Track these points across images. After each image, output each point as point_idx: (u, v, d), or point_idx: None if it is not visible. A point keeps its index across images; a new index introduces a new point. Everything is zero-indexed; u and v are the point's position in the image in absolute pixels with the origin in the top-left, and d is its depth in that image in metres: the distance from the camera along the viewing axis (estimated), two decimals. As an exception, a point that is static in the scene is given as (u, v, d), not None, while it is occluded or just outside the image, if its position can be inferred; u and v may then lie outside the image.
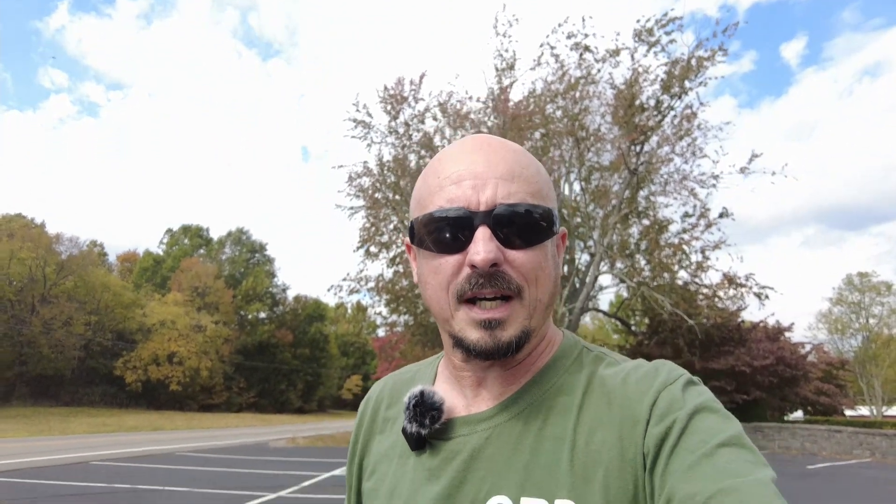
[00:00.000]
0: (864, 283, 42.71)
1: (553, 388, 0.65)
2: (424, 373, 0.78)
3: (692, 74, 15.78)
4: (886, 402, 41.89)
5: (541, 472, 0.60)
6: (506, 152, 0.65)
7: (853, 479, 11.73)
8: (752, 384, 21.00)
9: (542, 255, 0.63)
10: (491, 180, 0.62)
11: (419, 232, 0.65)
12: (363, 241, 18.51)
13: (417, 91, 18.08)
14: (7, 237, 36.71)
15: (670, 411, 0.57)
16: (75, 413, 32.66)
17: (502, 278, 0.60)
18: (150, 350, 42.23)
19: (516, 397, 0.65)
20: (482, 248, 0.59)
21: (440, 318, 0.65)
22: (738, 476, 0.50)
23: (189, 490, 8.42)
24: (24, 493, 7.72)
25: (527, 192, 0.63)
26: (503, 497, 0.60)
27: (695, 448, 0.53)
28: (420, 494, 0.65)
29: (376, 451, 0.75)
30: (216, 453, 14.83)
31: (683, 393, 0.59)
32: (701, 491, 0.50)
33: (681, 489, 0.51)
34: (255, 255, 58.40)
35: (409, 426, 0.66)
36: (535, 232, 0.62)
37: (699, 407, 0.57)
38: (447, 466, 0.64)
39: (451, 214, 0.62)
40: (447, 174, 0.64)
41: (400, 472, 0.69)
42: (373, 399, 0.81)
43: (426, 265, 0.65)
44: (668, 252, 17.09)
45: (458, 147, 0.67)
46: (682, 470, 0.53)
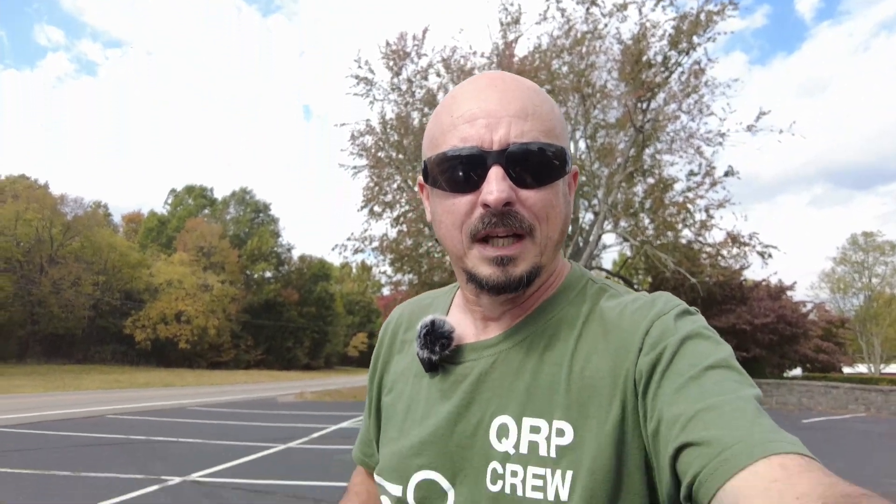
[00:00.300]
0: (868, 243, 42.62)
1: (555, 318, 0.68)
2: (441, 301, 0.82)
3: (701, 29, 15.37)
4: (885, 360, 42.41)
5: (541, 395, 0.63)
6: (519, 90, 0.65)
7: (846, 433, 12.03)
8: (753, 342, 21.27)
9: (554, 193, 0.64)
10: (504, 119, 0.62)
11: (432, 171, 0.66)
12: (367, 200, 18.49)
13: (420, 47, 17.71)
14: (12, 198, 36.80)
15: (662, 339, 0.59)
16: (88, 370, 33.47)
17: (514, 217, 0.62)
18: (158, 309, 42.88)
19: (521, 326, 0.69)
20: (495, 187, 0.60)
21: (454, 255, 0.67)
22: (722, 395, 0.52)
23: (202, 441, 8.74)
24: (45, 444, 8.05)
25: (540, 130, 0.63)
26: (507, 417, 0.64)
27: (684, 371, 0.56)
28: (433, 411, 0.70)
29: (395, 369, 0.81)
30: (226, 407, 15.28)
31: (676, 321, 0.61)
32: (685, 411, 0.52)
33: (668, 411, 0.54)
34: (260, 214, 58.49)
35: (421, 352, 0.71)
36: (547, 171, 0.63)
37: (691, 333, 0.59)
38: (457, 388, 0.69)
39: (465, 154, 0.62)
40: (460, 113, 0.64)
41: (416, 391, 0.74)
42: (393, 322, 0.86)
43: (440, 204, 0.67)
44: (672, 211, 17.04)
45: (472, 85, 0.66)
46: (671, 393, 0.55)
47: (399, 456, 0.71)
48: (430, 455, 0.68)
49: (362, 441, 0.90)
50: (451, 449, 0.66)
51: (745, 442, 0.47)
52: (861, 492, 0.41)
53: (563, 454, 0.60)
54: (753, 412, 0.50)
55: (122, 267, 42.44)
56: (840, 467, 7.64)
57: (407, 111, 18.26)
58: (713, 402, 0.51)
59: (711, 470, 0.47)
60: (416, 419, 0.72)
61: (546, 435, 0.61)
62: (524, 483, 0.60)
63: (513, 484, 0.61)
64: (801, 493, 0.42)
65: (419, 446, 0.69)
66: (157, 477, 5.96)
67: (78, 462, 6.72)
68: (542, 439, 0.61)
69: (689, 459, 0.50)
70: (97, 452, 7.49)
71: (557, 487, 0.59)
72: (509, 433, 0.63)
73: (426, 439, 0.69)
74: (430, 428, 0.69)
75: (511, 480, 0.61)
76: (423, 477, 0.68)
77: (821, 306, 28.28)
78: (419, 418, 0.71)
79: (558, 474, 0.59)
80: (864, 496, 0.40)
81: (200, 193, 58.62)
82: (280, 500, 5.17)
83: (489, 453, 0.64)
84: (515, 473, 0.61)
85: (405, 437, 0.72)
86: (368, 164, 18.55)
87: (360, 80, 18.12)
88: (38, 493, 5.23)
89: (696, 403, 0.52)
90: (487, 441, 0.64)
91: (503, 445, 0.63)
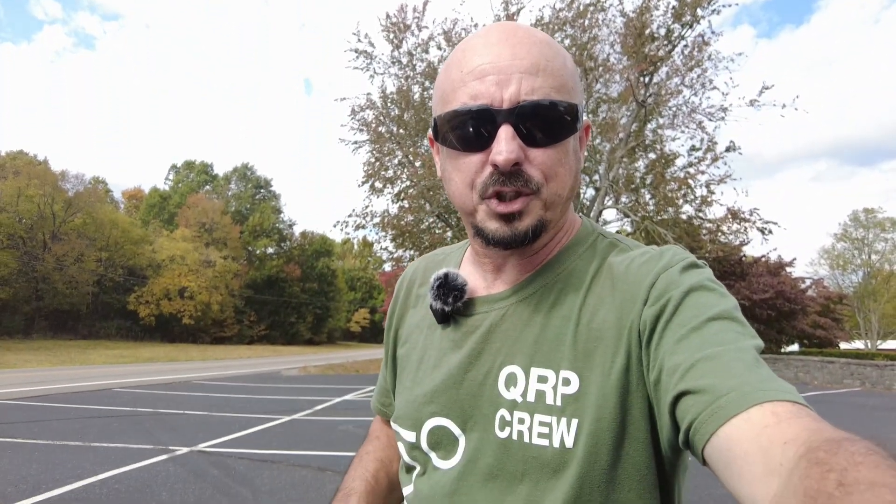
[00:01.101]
0: (869, 220, 42.52)
1: (565, 271, 0.69)
2: (454, 255, 0.85)
3: (705, 2, 15.14)
4: (882, 336, 42.67)
5: (548, 346, 0.65)
6: (531, 44, 0.63)
7: (841, 406, 12.23)
8: (751, 317, 21.41)
9: (564, 151, 0.64)
10: (515, 75, 0.61)
11: (442, 128, 0.66)
12: (368, 176, 18.44)
13: (421, 19, 17.45)
14: (13, 175, 36.72)
15: (667, 291, 0.60)
16: (93, 346, 33.87)
17: (522, 177, 0.62)
18: (162, 285, 43.14)
19: (531, 279, 0.70)
20: (504, 147, 0.60)
21: (464, 211, 0.68)
22: (722, 345, 0.53)
23: (207, 414, 8.92)
24: (55, 415, 8.24)
25: (551, 86, 0.62)
26: (515, 366, 0.66)
27: (686, 322, 0.57)
28: (445, 361, 0.73)
29: (409, 322, 0.84)
30: (231, 381, 15.52)
31: (682, 274, 0.62)
32: (685, 360, 0.53)
33: (669, 360, 0.55)
34: (261, 190, 58.39)
35: (435, 303, 0.74)
36: (558, 128, 0.63)
37: (695, 286, 0.60)
38: (468, 339, 0.72)
39: (474, 112, 0.62)
40: (470, 68, 0.63)
41: (429, 342, 0.77)
42: (408, 277, 0.89)
43: (450, 162, 0.67)
44: (673, 186, 17.01)
45: (483, 38, 0.65)
46: (672, 342, 0.56)
47: (412, 404, 0.74)
48: (441, 402, 0.71)
49: (380, 392, 0.93)
50: (461, 396, 0.69)
51: (739, 390, 0.48)
52: (845, 436, 0.42)
53: (568, 403, 0.62)
54: (751, 361, 0.52)
55: (124, 243, 42.56)
56: (832, 438, 7.80)
57: (408, 85, 18.08)
58: (712, 351, 0.53)
59: (706, 417, 0.49)
60: (429, 369, 0.75)
61: (553, 384, 0.63)
62: (531, 430, 0.63)
63: (520, 431, 0.63)
64: (789, 439, 0.44)
65: (431, 394, 0.72)
66: (165, 447, 6.13)
67: (88, 433, 6.89)
68: (549, 388, 0.63)
69: (686, 406, 0.52)
70: (106, 423, 7.67)
71: (563, 434, 0.61)
72: (517, 382, 0.65)
73: (438, 387, 0.71)
74: (441, 376, 0.71)
75: (518, 427, 0.64)
76: (435, 423, 0.71)
77: (819, 282, 28.40)
78: (431, 368, 0.74)
79: (563, 422, 0.61)
80: (847, 440, 0.41)
81: (202, 169, 58.45)
82: (284, 468, 5.33)
83: (498, 401, 0.66)
84: (522, 421, 0.64)
85: (418, 386, 0.75)
86: (369, 140, 18.45)
87: (360, 54, 17.91)
88: (51, 461, 5.39)
89: (696, 353, 0.53)
90: (496, 389, 0.67)
91: (511, 394, 0.65)
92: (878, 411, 11.48)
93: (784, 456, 0.43)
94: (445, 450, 0.70)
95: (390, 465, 0.88)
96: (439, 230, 18.25)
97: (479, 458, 0.66)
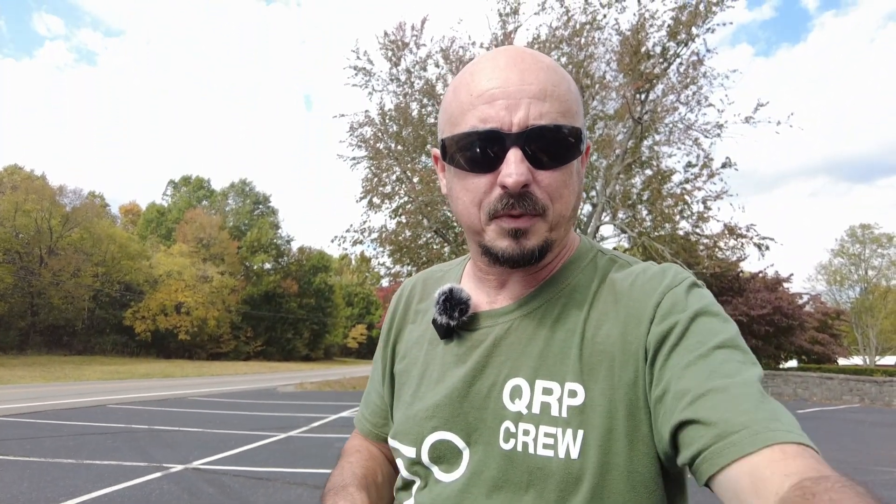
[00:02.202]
0: (865, 235, 42.72)
1: (568, 287, 0.71)
2: (453, 272, 0.85)
3: (700, 20, 15.37)
4: (880, 352, 42.62)
5: (553, 359, 0.67)
6: (538, 70, 0.65)
7: (840, 423, 12.18)
8: (749, 333, 21.39)
9: (569, 173, 0.67)
10: (524, 100, 0.63)
11: (451, 149, 0.67)
12: (366, 192, 18.50)
13: (419, 37, 17.67)
14: (10, 189, 36.74)
15: (673, 312, 0.63)
16: (88, 361, 33.59)
17: (530, 199, 0.64)
18: (158, 300, 42.95)
19: (535, 294, 0.72)
20: (514, 170, 0.62)
21: (471, 229, 0.69)
22: (730, 377, 0.56)
23: (203, 430, 8.83)
24: (48, 432, 8.14)
25: (558, 111, 0.64)
26: (520, 379, 0.68)
27: (693, 348, 0.59)
28: (449, 375, 0.73)
29: (408, 338, 0.83)
30: (227, 397, 15.39)
31: (687, 295, 0.64)
32: (694, 388, 0.56)
33: (676, 384, 0.58)
34: (259, 206, 58.45)
35: (440, 317, 0.74)
36: (564, 151, 0.65)
37: (701, 310, 0.63)
38: (472, 353, 0.73)
39: (484, 135, 0.64)
40: (479, 91, 0.65)
41: (430, 357, 0.77)
42: (406, 292, 0.89)
43: (457, 182, 0.69)
44: (669, 202, 17.10)
45: (491, 62, 0.67)
46: (680, 367, 0.59)
47: (413, 419, 0.74)
48: (444, 416, 0.71)
49: (373, 412, 0.90)
50: (465, 410, 0.70)
51: (750, 428, 0.52)
52: (836, 474, 0.46)
53: (574, 414, 0.64)
54: (758, 396, 0.55)
55: (121, 258, 42.45)
56: (834, 456, 7.75)
57: (406, 102, 18.24)
58: (721, 383, 0.55)
59: (718, 450, 0.52)
60: (431, 383, 0.75)
61: (558, 396, 0.65)
62: (535, 441, 0.64)
63: (525, 442, 0.65)
64: (790, 473, 0.48)
65: (433, 409, 0.72)
66: (160, 464, 6.05)
67: (81, 450, 6.81)
68: (554, 400, 0.65)
69: (694, 434, 0.55)
70: (100, 441, 7.58)
71: (568, 445, 0.63)
72: (522, 394, 0.67)
73: (441, 402, 0.72)
74: (445, 391, 0.72)
75: (523, 439, 0.65)
76: (438, 437, 0.71)
77: (817, 298, 28.43)
78: (434, 383, 0.74)
79: (569, 433, 0.63)
80: (834, 476, 0.46)
81: (199, 185, 58.54)
82: (280, 486, 5.26)
83: (502, 413, 0.67)
84: (527, 432, 0.65)
85: (419, 401, 0.75)
86: (367, 156, 18.55)
87: (359, 71, 18.09)
88: (44, 479, 5.32)
89: (706, 382, 0.56)
90: (501, 401, 0.68)
91: (516, 406, 0.67)
92: (877, 427, 11.43)
93: (781, 486, 0.48)
94: (448, 463, 0.70)
95: (375, 475, 0.84)
96: (437, 246, 18.27)
97: (484, 470, 0.67)
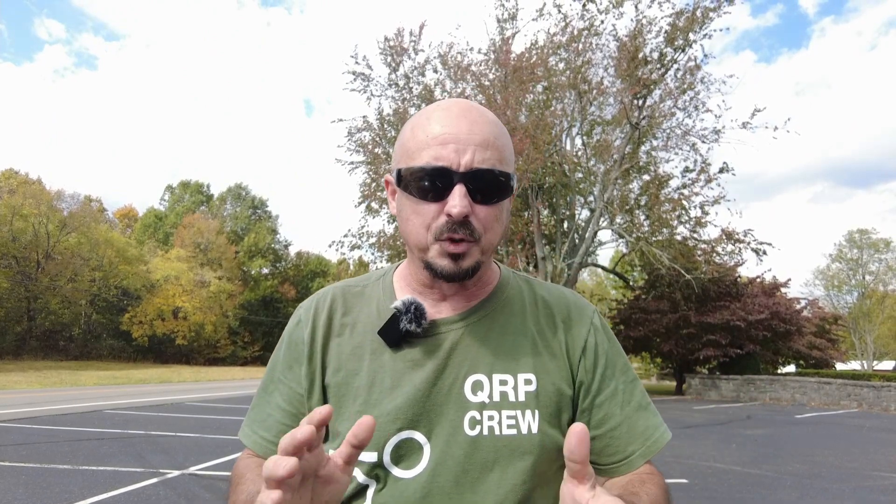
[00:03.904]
0: (863, 240, 42.82)
1: (505, 300, 0.88)
2: (374, 287, 0.92)
3: (697, 26, 15.45)
4: (877, 357, 42.68)
5: (505, 356, 0.83)
6: (484, 123, 0.78)
7: (838, 427, 12.17)
8: (747, 338, 21.40)
9: (500, 210, 0.80)
10: (470, 146, 0.76)
11: (406, 178, 0.78)
12: (364, 196, 18.52)
13: (417, 42, 17.74)
14: (8, 193, 36.66)
15: (599, 346, 0.87)
16: (85, 366, 33.44)
17: (469, 227, 0.76)
18: (155, 305, 42.80)
19: (480, 306, 0.87)
20: (458, 202, 0.74)
21: (417, 247, 0.80)
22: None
23: (200, 436, 8.79)
24: (44, 438, 8.10)
25: (496, 159, 0.77)
26: (479, 375, 0.81)
27: (615, 376, 0.87)
28: (406, 380, 0.81)
29: (338, 350, 0.85)
30: (224, 403, 15.33)
31: (602, 321, 0.91)
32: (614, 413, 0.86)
33: (602, 404, 0.85)
34: (257, 211, 58.39)
35: (410, 325, 0.82)
36: (498, 191, 0.78)
37: (613, 343, 0.90)
38: (431, 356, 0.82)
39: (437, 171, 0.75)
40: (434, 134, 0.77)
41: (376, 366, 0.82)
42: (326, 306, 0.89)
43: (409, 206, 0.80)
44: (667, 207, 17.14)
45: (446, 112, 0.79)
46: (610, 394, 0.85)
47: None
48: (408, 417, 0.79)
49: (276, 433, 0.85)
50: (428, 407, 0.80)
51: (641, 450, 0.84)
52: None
53: (530, 398, 0.81)
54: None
55: (118, 263, 42.33)
56: (832, 461, 7.75)
57: (404, 107, 18.28)
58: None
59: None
60: (385, 390, 0.81)
61: (513, 385, 0.81)
62: (500, 424, 0.79)
63: (490, 426, 0.79)
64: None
65: (395, 412, 0.79)
66: (156, 470, 6.02)
67: (77, 455, 6.77)
68: (510, 389, 0.81)
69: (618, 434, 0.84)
70: (96, 446, 7.54)
71: (529, 423, 0.79)
72: (483, 387, 0.81)
73: (402, 405, 0.79)
74: (405, 394, 0.80)
75: (489, 423, 0.79)
76: (401, 437, 0.78)
77: (814, 303, 28.45)
78: (388, 389, 0.81)
79: (528, 413, 0.80)
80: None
81: (197, 189, 58.48)
82: (278, 492, 5.22)
83: (465, 405, 0.80)
84: (492, 418, 0.79)
85: (375, 408, 0.80)
86: (365, 160, 18.58)
87: (358, 76, 18.14)
88: (39, 485, 5.28)
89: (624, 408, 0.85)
90: (463, 395, 0.80)
91: (478, 397, 0.80)
92: (875, 432, 11.43)
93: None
94: (409, 460, 0.78)
95: None
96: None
97: (448, 459, 0.77)
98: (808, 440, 10.07)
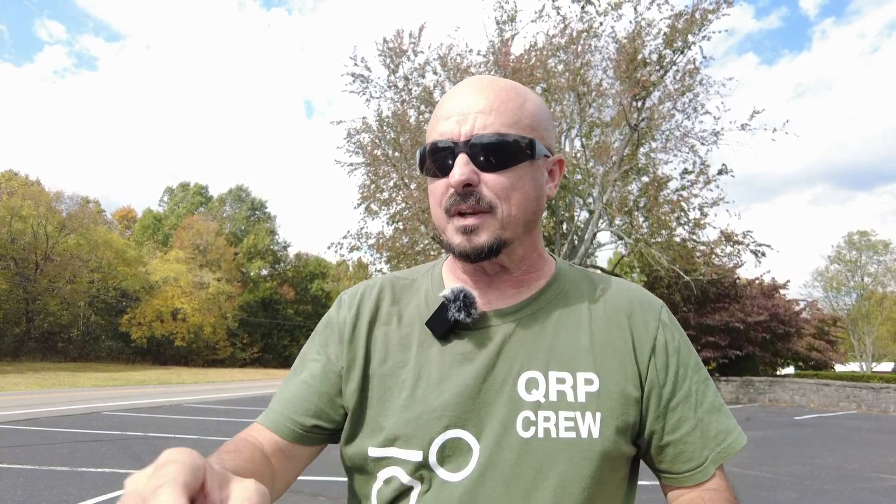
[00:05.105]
0: (862, 242, 42.85)
1: (561, 293, 0.82)
2: (423, 279, 0.88)
3: (696, 28, 15.47)
4: (876, 359, 42.69)
5: (563, 352, 0.76)
6: (491, 90, 0.74)
7: (837, 429, 12.17)
8: (746, 339, 21.41)
9: (517, 176, 0.73)
10: (471, 115, 0.72)
11: (423, 161, 0.77)
12: (363, 198, 18.51)
13: (417, 44, 17.73)
14: (7, 195, 36.62)
15: (670, 344, 0.79)
16: (83, 368, 33.38)
17: (474, 196, 0.72)
18: (154, 307, 42.73)
19: (533, 299, 0.80)
20: (457, 171, 0.71)
21: (440, 229, 0.78)
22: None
23: (199, 438, 8.78)
24: (42, 440, 8.08)
25: (502, 122, 0.72)
26: (534, 371, 0.75)
27: (685, 380, 0.79)
28: (454, 374, 0.75)
29: (383, 339, 0.81)
30: (223, 405, 15.31)
31: (673, 327, 0.82)
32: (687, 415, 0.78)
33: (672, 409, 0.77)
34: (256, 212, 58.37)
35: (459, 314, 0.76)
36: (507, 156, 0.72)
37: (684, 341, 0.82)
38: (482, 350, 0.76)
39: (441, 145, 0.74)
40: (442, 112, 0.76)
41: (423, 358, 0.77)
42: (373, 294, 0.86)
43: (429, 188, 0.78)
44: (666, 209, 17.15)
45: (458, 89, 0.77)
46: (680, 398, 0.78)
47: (418, 421, 0.73)
48: (455, 414, 0.73)
49: (292, 402, 0.80)
50: (478, 405, 0.73)
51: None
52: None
53: (591, 399, 0.73)
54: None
55: (117, 264, 42.28)
56: (831, 463, 7.75)
57: (403, 109, 18.29)
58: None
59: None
60: (432, 384, 0.75)
61: (571, 384, 0.74)
62: (557, 426, 0.72)
63: (546, 428, 0.71)
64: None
65: (441, 408, 0.73)
66: (155, 472, 6.00)
67: (76, 457, 6.76)
68: (569, 388, 0.74)
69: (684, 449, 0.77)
70: (94, 448, 7.53)
71: (589, 426, 0.72)
72: (539, 385, 0.74)
73: (450, 400, 0.73)
74: (454, 389, 0.74)
75: (544, 425, 0.72)
76: (449, 436, 0.72)
77: (813, 304, 28.47)
78: (435, 383, 0.75)
79: (588, 415, 0.72)
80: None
81: (197, 191, 58.46)
82: (277, 494, 5.22)
83: (519, 404, 0.73)
84: (548, 419, 0.72)
85: (421, 403, 0.74)
86: (365, 162, 18.58)
87: (357, 78, 18.15)
88: (36, 487, 5.27)
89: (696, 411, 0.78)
90: (516, 393, 0.74)
91: (533, 396, 0.73)
92: (874, 434, 11.43)
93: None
94: (457, 462, 0.72)
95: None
96: (434, 252, 18.26)
97: (498, 462, 0.71)
98: (808, 442, 10.07)
